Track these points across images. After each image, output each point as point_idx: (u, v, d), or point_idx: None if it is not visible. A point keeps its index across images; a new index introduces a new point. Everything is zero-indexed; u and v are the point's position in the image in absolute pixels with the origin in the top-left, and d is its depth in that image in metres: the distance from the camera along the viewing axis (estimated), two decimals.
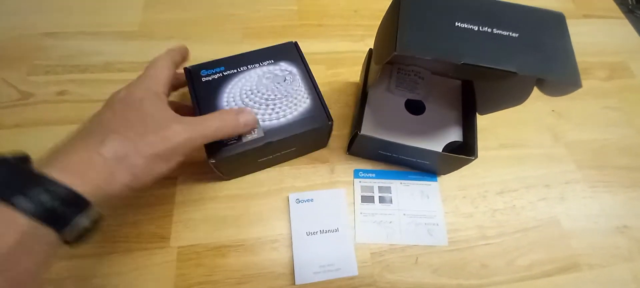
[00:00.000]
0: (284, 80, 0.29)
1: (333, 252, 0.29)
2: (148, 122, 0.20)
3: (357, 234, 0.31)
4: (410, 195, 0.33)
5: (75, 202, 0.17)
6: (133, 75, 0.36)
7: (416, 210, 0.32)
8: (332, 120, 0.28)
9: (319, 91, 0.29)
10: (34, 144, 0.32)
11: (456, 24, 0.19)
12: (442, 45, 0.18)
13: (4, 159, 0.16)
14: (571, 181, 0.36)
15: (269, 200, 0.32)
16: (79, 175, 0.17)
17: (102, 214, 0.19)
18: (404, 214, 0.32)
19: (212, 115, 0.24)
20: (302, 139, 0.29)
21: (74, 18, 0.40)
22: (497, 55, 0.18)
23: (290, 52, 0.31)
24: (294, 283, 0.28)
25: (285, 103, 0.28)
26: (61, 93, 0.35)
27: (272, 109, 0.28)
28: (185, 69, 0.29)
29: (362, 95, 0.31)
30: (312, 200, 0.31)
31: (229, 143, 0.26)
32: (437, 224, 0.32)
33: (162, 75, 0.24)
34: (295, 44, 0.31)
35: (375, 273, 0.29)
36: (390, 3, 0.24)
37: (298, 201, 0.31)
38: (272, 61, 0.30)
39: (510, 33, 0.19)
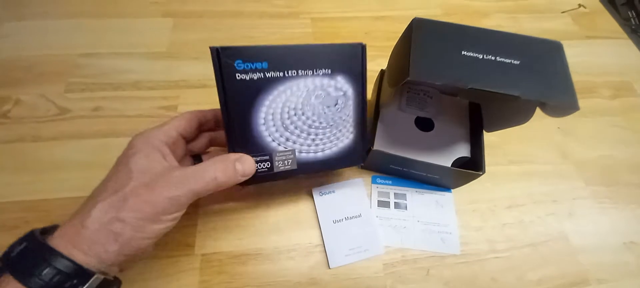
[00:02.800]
0: (335, 105, 0.24)
1: (360, 235, 0.32)
2: (132, 183, 0.20)
3: None
4: (425, 203, 0.34)
5: (79, 274, 0.18)
6: (161, 93, 0.40)
7: (430, 218, 0.34)
8: (366, 159, 0.27)
9: (366, 123, 0.26)
10: (70, 155, 0.35)
11: (462, 52, 0.21)
12: (450, 71, 0.21)
13: (24, 240, 0.19)
14: (579, 197, 0.37)
15: (286, 212, 0.33)
16: (79, 248, 0.19)
17: (110, 279, 0.20)
18: (418, 221, 0.33)
19: (207, 164, 0.22)
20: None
21: (108, 40, 0.44)
22: (501, 80, 0.20)
23: (352, 61, 0.24)
24: (328, 268, 0.31)
25: (328, 135, 0.25)
26: (96, 109, 0.38)
27: (312, 140, 0.25)
28: (211, 48, 0.21)
29: (375, 113, 0.33)
30: (333, 191, 0.34)
31: (259, 169, 0.24)
32: (451, 233, 0.33)
33: (173, 125, 0.23)
34: (363, 48, 0.24)
35: (388, 284, 0.31)
36: (402, 31, 0.27)
37: (321, 193, 0.34)
38: (329, 72, 0.23)
39: (512, 60, 0.21)
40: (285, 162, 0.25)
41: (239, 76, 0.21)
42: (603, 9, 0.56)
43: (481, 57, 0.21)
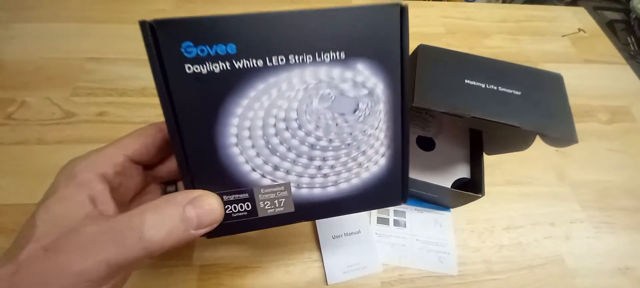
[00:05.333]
0: (355, 111, 0.15)
1: (358, 252, 0.32)
2: (30, 246, 0.13)
3: None
4: (424, 222, 0.35)
5: None
6: None
7: (429, 237, 0.34)
8: (407, 198, 0.18)
9: (408, 140, 0.17)
10: None
11: (466, 81, 0.22)
12: (453, 99, 0.21)
13: None
14: (576, 220, 0.37)
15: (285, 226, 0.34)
16: None
17: None
18: (417, 239, 0.34)
19: (134, 213, 0.14)
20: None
21: (115, 45, 0.45)
22: (502, 110, 0.21)
23: (383, 36, 0.14)
24: (325, 284, 0.31)
25: (343, 160, 0.16)
26: (101, 114, 0.39)
27: (318, 168, 0.16)
28: (141, 23, 0.14)
29: None
30: None
31: (234, 214, 0.16)
32: (448, 253, 0.33)
33: (119, 146, 0.17)
34: (402, 11, 0.14)
35: None
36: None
37: None
38: (342, 56, 0.14)
39: (514, 91, 0.22)
40: (276, 202, 0.16)
41: (190, 68, 0.14)
42: (602, 34, 0.57)
43: (484, 86, 0.22)
